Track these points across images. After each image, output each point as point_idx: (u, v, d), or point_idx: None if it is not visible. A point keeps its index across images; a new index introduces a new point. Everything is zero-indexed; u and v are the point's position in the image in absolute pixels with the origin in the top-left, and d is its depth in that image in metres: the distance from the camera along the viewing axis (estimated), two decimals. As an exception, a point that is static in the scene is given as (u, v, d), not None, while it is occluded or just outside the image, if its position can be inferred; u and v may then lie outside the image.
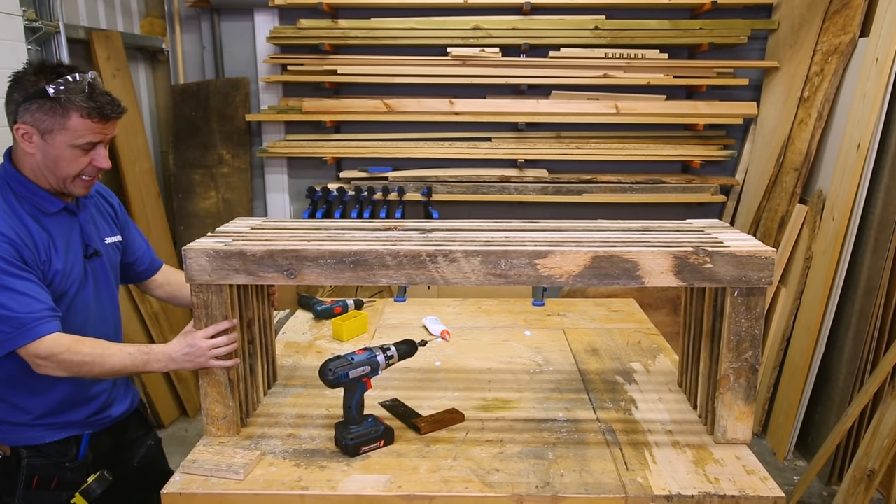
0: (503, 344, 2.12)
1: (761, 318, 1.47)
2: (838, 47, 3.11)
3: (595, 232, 1.63)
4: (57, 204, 1.53)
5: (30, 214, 1.49)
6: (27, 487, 1.54)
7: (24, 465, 1.53)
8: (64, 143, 1.45)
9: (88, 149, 1.48)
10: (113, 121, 1.49)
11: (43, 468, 1.55)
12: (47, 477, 1.56)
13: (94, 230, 1.64)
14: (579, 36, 3.61)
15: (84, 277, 1.58)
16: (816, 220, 3.08)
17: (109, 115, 1.47)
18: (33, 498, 1.54)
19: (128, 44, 3.62)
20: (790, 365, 3.15)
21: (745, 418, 1.52)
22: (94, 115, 1.44)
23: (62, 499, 1.56)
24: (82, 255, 1.58)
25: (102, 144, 1.50)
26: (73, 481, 1.58)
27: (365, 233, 1.63)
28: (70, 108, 1.42)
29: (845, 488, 2.37)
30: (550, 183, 3.73)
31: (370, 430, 1.51)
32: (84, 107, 1.43)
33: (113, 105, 1.47)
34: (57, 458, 1.57)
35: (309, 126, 3.88)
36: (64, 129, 1.43)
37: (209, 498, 1.38)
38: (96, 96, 1.44)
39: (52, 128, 1.43)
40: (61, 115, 1.42)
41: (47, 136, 1.44)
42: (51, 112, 1.42)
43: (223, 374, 1.52)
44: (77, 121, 1.43)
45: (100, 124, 1.46)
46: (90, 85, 1.44)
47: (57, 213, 1.54)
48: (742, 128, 3.80)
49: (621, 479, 1.40)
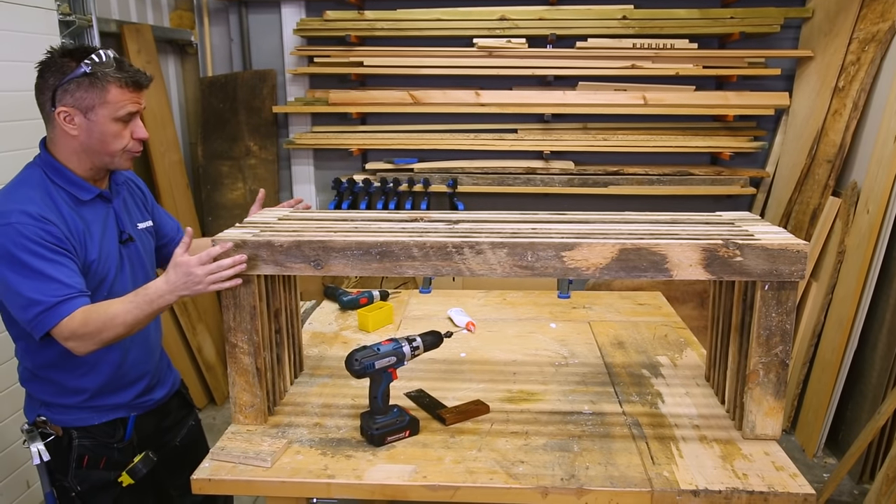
0: (528, 336, 2.11)
1: (792, 313, 1.44)
2: (876, 35, 3.03)
3: (622, 224, 1.61)
4: (92, 191, 1.57)
5: (66, 203, 1.53)
6: (78, 466, 1.61)
7: (76, 445, 1.61)
8: (106, 117, 1.50)
9: (127, 121, 1.53)
10: (144, 90, 1.56)
11: (92, 448, 1.63)
12: (96, 457, 1.63)
13: (126, 216, 1.67)
14: (607, 26, 3.57)
15: (120, 263, 1.62)
16: (850, 214, 3.01)
17: (142, 83, 1.54)
18: (84, 476, 1.62)
19: (158, 37, 3.67)
20: (821, 360, 3.09)
21: (774, 414, 1.49)
22: (129, 84, 1.50)
23: (110, 477, 1.63)
24: (117, 240, 1.62)
25: (138, 115, 1.56)
26: (121, 461, 1.65)
27: (391, 224, 1.63)
28: (107, 82, 1.47)
29: (877, 487, 2.32)
30: (577, 175, 3.70)
31: (395, 421, 1.52)
32: (119, 77, 1.49)
33: (143, 74, 1.55)
34: (105, 439, 1.64)
35: (335, 118, 3.90)
36: (105, 103, 1.48)
37: (237, 484, 1.40)
38: (126, 67, 1.51)
39: (93, 104, 1.48)
40: (100, 90, 1.47)
41: (90, 114, 1.49)
42: (90, 88, 1.47)
43: (251, 364, 1.54)
44: (116, 92, 1.49)
45: (135, 93, 1.53)
46: (116, 59, 1.51)
47: (91, 200, 1.57)
48: (773, 119, 3.72)
49: (647, 472, 1.39)
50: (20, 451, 2.57)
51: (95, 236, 1.56)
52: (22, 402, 2.60)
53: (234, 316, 1.52)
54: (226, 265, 1.44)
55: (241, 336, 1.52)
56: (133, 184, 1.77)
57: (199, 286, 1.44)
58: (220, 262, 1.44)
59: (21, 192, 1.49)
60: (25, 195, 1.48)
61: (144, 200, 1.78)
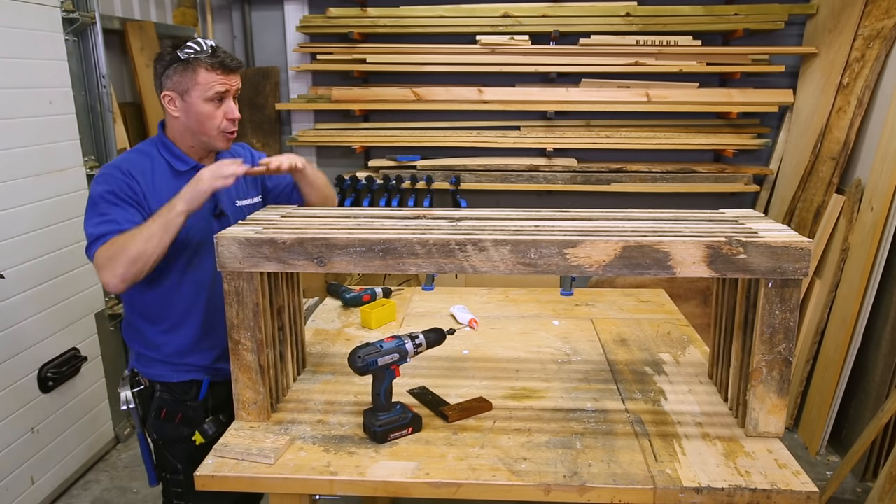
0: (531, 333, 2.11)
1: (796, 310, 1.44)
2: (881, 32, 3.01)
3: (625, 221, 1.61)
4: (189, 163, 1.73)
5: (162, 170, 1.71)
6: (157, 417, 1.79)
7: (157, 397, 1.79)
8: (199, 98, 1.65)
9: (219, 102, 1.68)
10: (234, 72, 1.70)
11: (171, 403, 1.78)
12: (173, 411, 1.78)
13: (226, 192, 1.77)
14: (610, 23, 3.56)
15: (207, 236, 1.72)
16: (854, 211, 3.00)
17: (229, 66, 1.67)
18: (160, 427, 1.79)
19: (161, 34, 3.67)
20: (824, 358, 3.08)
21: (777, 411, 1.49)
22: (216, 67, 1.65)
23: (183, 433, 1.77)
24: (210, 213, 1.75)
25: (231, 97, 1.70)
26: (194, 419, 1.78)
27: (394, 221, 1.63)
28: (197, 66, 1.64)
29: (880, 485, 2.32)
30: (579, 172, 3.69)
31: (398, 418, 1.52)
32: (207, 61, 1.64)
33: (232, 58, 1.69)
34: (182, 396, 1.79)
35: (338, 115, 3.90)
36: (196, 85, 1.64)
37: (240, 481, 1.41)
38: (218, 53, 1.66)
39: (187, 87, 1.65)
40: (192, 73, 1.64)
41: (185, 96, 1.66)
42: (183, 73, 1.64)
43: (254, 361, 1.54)
44: (204, 75, 1.64)
45: (223, 75, 1.66)
46: (212, 47, 1.66)
47: (188, 171, 1.71)
48: (777, 116, 3.71)
49: (650, 470, 1.38)
50: (24, 447, 2.59)
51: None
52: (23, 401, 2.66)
53: (237, 313, 1.52)
54: (226, 163, 1.62)
55: (244, 333, 1.53)
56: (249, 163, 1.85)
57: (202, 184, 1.58)
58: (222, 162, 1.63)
59: (128, 154, 1.73)
60: (128, 155, 1.72)
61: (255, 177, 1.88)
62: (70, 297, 2.81)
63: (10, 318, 2.52)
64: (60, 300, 2.77)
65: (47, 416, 2.70)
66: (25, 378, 2.60)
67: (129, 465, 3.03)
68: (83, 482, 2.93)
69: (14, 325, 2.54)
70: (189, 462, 1.74)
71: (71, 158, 2.86)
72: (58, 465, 2.77)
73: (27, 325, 2.60)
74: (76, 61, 2.99)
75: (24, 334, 2.59)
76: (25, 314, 2.59)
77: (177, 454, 1.79)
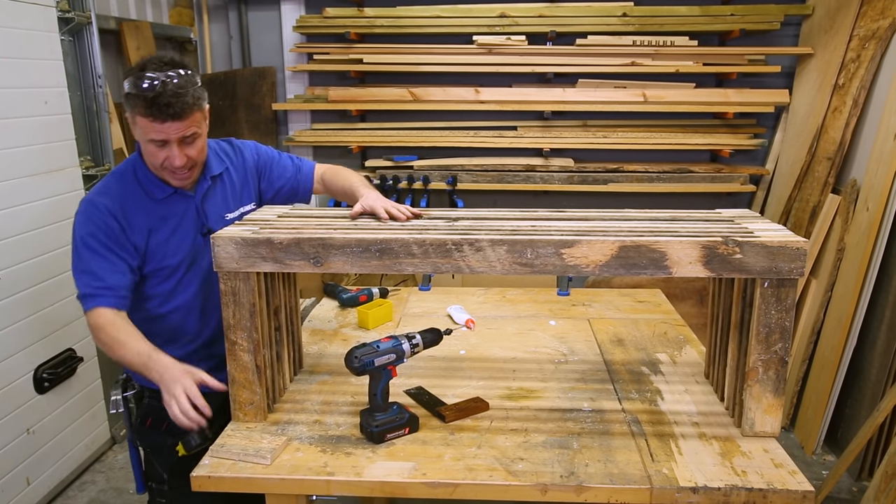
0: (528, 333, 2.11)
1: (792, 310, 1.44)
2: (876, 32, 3.02)
3: (622, 221, 1.61)
4: (165, 190, 1.64)
5: (140, 197, 1.63)
6: (142, 423, 1.75)
7: (145, 403, 1.75)
8: (140, 136, 1.56)
9: (160, 145, 1.54)
10: (173, 122, 1.50)
11: (157, 410, 1.67)
12: (160, 419, 1.70)
13: (213, 209, 1.71)
14: (607, 23, 3.56)
15: (195, 256, 1.68)
16: (849, 211, 3.01)
17: (161, 118, 1.48)
18: (146, 435, 1.75)
19: (157, 34, 3.67)
20: (820, 358, 3.09)
21: (773, 411, 1.49)
22: (151, 115, 1.48)
23: (167, 442, 1.68)
24: (197, 234, 1.69)
25: (172, 143, 1.53)
26: (179, 429, 1.64)
27: (391, 221, 1.63)
28: (135, 107, 1.50)
29: (876, 484, 2.33)
30: (576, 172, 3.70)
31: (395, 418, 1.52)
32: (144, 107, 1.47)
33: (168, 108, 1.47)
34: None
35: (334, 115, 3.90)
36: (135, 125, 1.54)
37: (237, 482, 1.40)
38: (162, 96, 1.46)
39: (132, 121, 1.54)
40: (132, 112, 1.52)
41: (133, 127, 1.55)
42: (127, 107, 1.53)
43: (250, 361, 1.54)
44: (141, 120, 1.51)
45: (157, 124, 1.49)
46: (162, 84, 1.46)
47: (167, 197, 1.65)
48: (773, 116, 3.72)
49: (646, 469, 1.39)
50: (20, 448, 2.58)
51: (164, 230, 1.64)
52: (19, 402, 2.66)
53: (234, 313, 1.52)
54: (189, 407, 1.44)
55: (240, 333, 1.52)
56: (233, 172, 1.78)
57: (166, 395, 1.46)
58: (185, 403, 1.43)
59: (106, 182, 1.64)
60: (106, 184, 1.63)
61: (245, 182, 1.80)
62: (66, 297, 2.80)
63: (5, 318, 2.51)
64: (56, 300, 2.76)
65: (43, 416, 2.69)
66: (21, 379, 2.59)
67: (126, 466, 3.02)
68: (79, 483, 2.92)
69: (10, 325, 2.53)
70: (173, 472, 1.71)
71: (66, 159, 2.85)
72: (54, 466, 2.77)
73: (23, 326, 2.59)
74: (72, 61, 2.98)
75: (20, 334, 2.58)
76: (21, 314, 2.59)
77: (162, 463, 1.74)
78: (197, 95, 1.54)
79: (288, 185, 1.90)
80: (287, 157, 1.93)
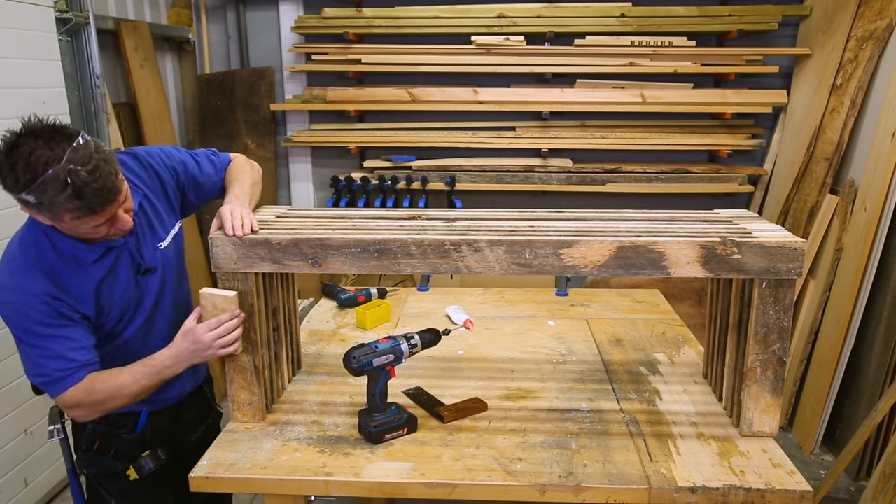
0: (526, 334, 2.11)
1: (790, 310, 1.44)
2: (874, 33, 3.03)
3: (620, 221, 1.62)
4: (96, 252, 1.46)
5: (68, 269, 1.44)
6: (88, 450, 1.64)
7: (89, 429, 1.63)
8: (71, 229, 1.38)
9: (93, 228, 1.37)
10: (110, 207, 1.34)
11: (104, 434, 1.63)
12: (107, 444, 1.63)
13: (145, 246, 1.56)
14: (605, 23, 3.56)
15: (141, 295, 1.56)
16: (847, 211, 3.02)
17: (99, 210, 1.32)
18: (92, 461, 1.64)
19: (155, 34, 3.66)
20: (818, 358, 3.09)
21: (771, 411, 1.50)
22: (84, 213, 1.31)
23: (117, 468, 1.63)
24: (135, 276, 1.54)
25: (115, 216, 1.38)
26: (129, 453, 1.64)
27: (389, 222, 1.63)
28: (60, 212, 1.30)
29: (874, 484, 2.33)
30: (575, 172, 3.70)
31: (393, 418, 1.52)
32: (72, 208, 1.29)
33: (101, 199, 1.30)
34: (116, 428, 1.63)
35: (333, 115, 3.90)
36: (62, 223, 1.35)
37: (235, 482, 1.40)
38: (83, 192, 1.27)
39: (53, 224, 1.37)
40: (54, 216, 1.32)
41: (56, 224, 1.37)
42: (41, 213, 1.33)
43: (249, 362, 1.54)
44: (70, 222, 1.33)
45: (92, 216, 1.33)
46: (70, 175, 1.25)
47: (100, 258, 1.47)
48: (771, 116, 3.73)
49: (645, 470, 1.39)
50: (18, 449, 2.58)
51: (107, 286, 1.49)
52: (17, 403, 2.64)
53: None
54: (231, 326, 1.46)
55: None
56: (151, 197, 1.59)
57: (209, 351, 1.46)
58: (227, 325, 1.46)
59: (24, 265, 1.41)
60: (28, 268, 1.41)
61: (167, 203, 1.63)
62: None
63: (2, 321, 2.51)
64: (54, 301, 2.75)
65: (41, 417, 2.69)
66: (19, 380, 2.58)
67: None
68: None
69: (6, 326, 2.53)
70: (123, 496, 1.64)
71: (65, 159, 2.84)
72: (51, 467, 2.76)
73: (21, 327, 2.58)
74: (70, 61, 2.98)
75: (18, 335, 2.57)
76: (19, 315, 2.58)
77: (110, 489, 1.64)
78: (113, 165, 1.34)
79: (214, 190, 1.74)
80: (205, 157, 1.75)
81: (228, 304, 1.47)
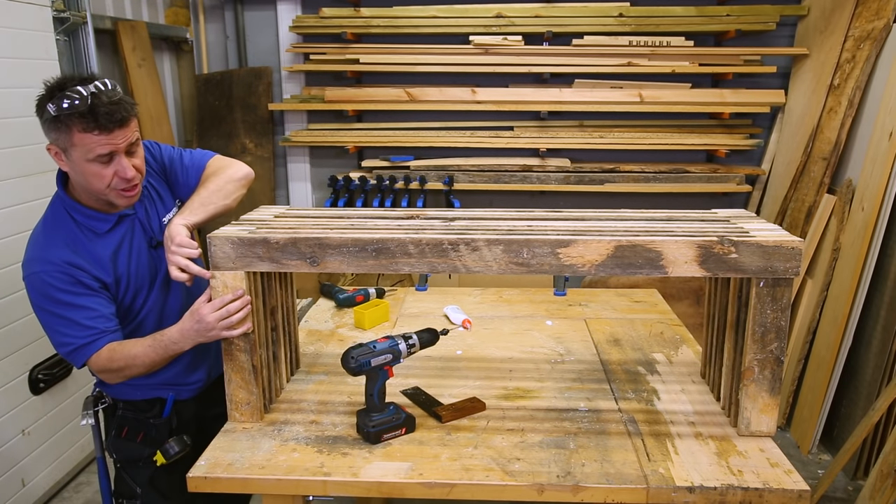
0: (524, 333, 2.11)
1: (787, 310, 1.44)
2: (871, 33, 3.03)
3: (618, 221, 1.62)
4: (109, 220, 1.58)
5: (89, 237, 1.56)
6: (117, 435, 1.71)
7: (119, 414, 1.71)
8: (81, 158, 1.45)
9: (106, 161, 1.46)
10: (121, 128, 1.44)
11: (133, 420, 1.71)
12: (135, 429, 1.70)
13: (154, 219, 1.67)
14: (603, 23, 3.57)
15: (156, 269, 1.65)
16: (845, 211, 3.02)
17: (106, 126, 1.42)
18: (121, 446, 1.71)
19: (153, 34, 3.66)
20: (816, 357, 3.10)
21: (769, 410, 1.50)
22: (92, 128, 1.41)
23: (145, 453, 1.69)
24: (148, 248, 1.65)
25: (120, 154, 1.47)
26: (157, 439, 1.70)
27: (387, 221, 1.63)
28: (71, 125, 1.41)
29: (871, 483, 2.33)
30: (573, 172, 3.70)
31: (392, 418, 1.52)
32: (81, 122, 1.40)
33: (111, 116, 1.41)
34: (144, 413, 1.71)
35: (331, 115, 3.90)
36: (73, 146, 1.43)
37: (233, 482, 1.40)
38: (97, 108, 1.40)
39: (66, 145, 1.44)
40: (66, 133, 1.42)
41: (68, 153, 1.46)
42: (58, 131, 1.43)
43: (247, 361, 1.54)
44: (80, 136, 1.42)
45: (103, 136, 1.42)
46: (93, 96, 1.40)
47: (112, 228, 1.59)
48: (769, 116, 3.73)
49: (643, 469, 1.39)
50: (15, 449, 2.57)
51: (123, 255, 1.60)
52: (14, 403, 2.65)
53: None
54: (234, 308, 1.48)
55: (236, 334, 1.52)
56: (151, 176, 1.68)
57: (213, 332, 1.49)
58: (229, 307, 1.48)
59: (46, 238, 1.53)
60: (50, 240, 1.53)
61: (166, 180, 1.72)
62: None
63: (0, 319, 2.51)
64: (52, 301, 2.75)
65: (38, 417, 2.69)
66: (17, 380, 2.58)
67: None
68: (75, 484, 2.91)
69: (5, 326, 2.53)
70: (148, 485, 1.70)
71: (62, 159, 2.84)
72: (49, 467, 2.76)
73: (18, 327, 2.58)
74: (67, 61, 2.97)
75: (15, 336, 2.57)
76: (16, 315, 2.58)
77: (136, 476, 1.71)
78: (129, 100, 1.47)
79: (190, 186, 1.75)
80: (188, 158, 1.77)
81: (238, 282, 1.49)
